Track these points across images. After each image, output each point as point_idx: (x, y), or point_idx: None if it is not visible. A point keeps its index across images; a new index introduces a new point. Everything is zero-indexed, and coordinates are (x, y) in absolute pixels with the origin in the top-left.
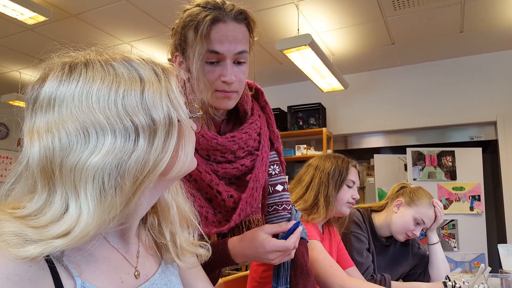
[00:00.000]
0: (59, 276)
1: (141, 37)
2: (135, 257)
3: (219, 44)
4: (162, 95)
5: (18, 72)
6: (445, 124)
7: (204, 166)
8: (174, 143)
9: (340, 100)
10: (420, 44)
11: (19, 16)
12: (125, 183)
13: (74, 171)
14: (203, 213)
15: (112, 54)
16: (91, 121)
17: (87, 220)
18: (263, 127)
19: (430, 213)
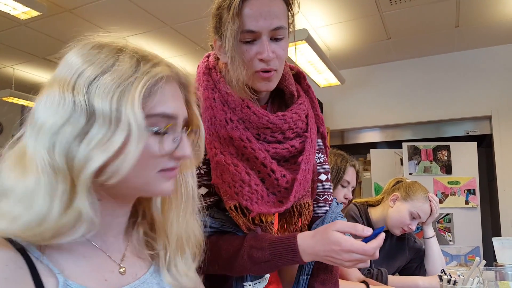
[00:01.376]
0: (39, 275)
1: (136, 32)
2: (121, 256)
3: (254, 21)
4: (117, 89)
5: (12, 68)
6: (441, 118)
7: (257, 144)
8: (118, 142)
9: (336, 95)
10: (416, 39)
11: (11, 11)
12: (56, 158)
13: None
14: (259, 191)
15: (132, 46)
16: (61, 80)
17: None
18: (309, 110)
19: (425, 207)
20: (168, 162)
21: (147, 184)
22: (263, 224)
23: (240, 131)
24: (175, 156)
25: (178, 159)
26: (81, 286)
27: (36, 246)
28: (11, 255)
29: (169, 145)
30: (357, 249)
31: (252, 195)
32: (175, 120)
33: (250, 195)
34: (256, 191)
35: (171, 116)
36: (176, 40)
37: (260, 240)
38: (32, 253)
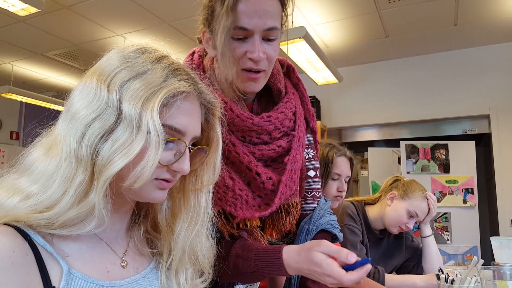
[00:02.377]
0: (44, 262)
1: (134, 29)
2: (124, 250)
3: (247, 18)
4: (143, 96)
5: (10, 65)
6: (439, 117)
7: (241, 148)
8: (137, 148)
9: (334, 93)
10: (414, 37)
11: (10, 7)
12: (82, 149)
13: None
14: (243, 196)
15: (171, 59)
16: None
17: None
18: (297, 106)
19: (423, 205)
20: (164, 173)
21: (141, 189)
22: (248, 229)
23: (223, 135)
24: (171, 169)
25: (174, 172)
26: (84, 275)
27: (41, 235)
28: (17, 242)
29: (168, 157)
30: (336, 277)
31: (236, 200)
32: (182, 135)
33: (234, 201)
34: (240, 196)
35: (179, 131)
36: (174, 37)
37: (246, 250)
38: (37, 241)
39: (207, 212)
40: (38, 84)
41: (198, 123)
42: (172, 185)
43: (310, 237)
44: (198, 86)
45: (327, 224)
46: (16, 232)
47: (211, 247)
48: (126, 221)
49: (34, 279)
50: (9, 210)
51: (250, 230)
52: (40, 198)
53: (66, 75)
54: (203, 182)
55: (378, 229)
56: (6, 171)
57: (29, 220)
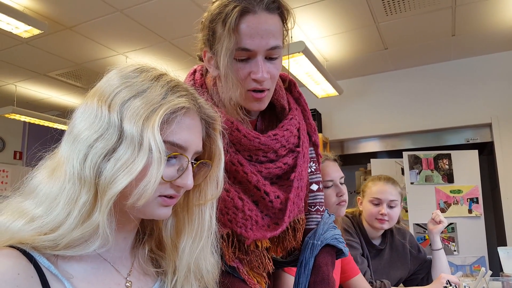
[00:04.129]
0: (48, 284)
1: (136, 48)
2: (128, 270)
3: (250, 39)
4: (144, 114)
5: (14, 85)
6: (441, 127)
7: (249, 167)
8: (140, 165)
9: (335, 105)
10: (413, 49)
11: (14, 29)
12: (85, 169)
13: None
14: (253, 217)
15: (170, 77)
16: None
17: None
18: (301, 121)
19: (375, 188)
20: (168, 189)
21: (145, 206)
22: (257, 251)
23: (231, 155)
24: (175, 185)
25: (178, 188)
26: None
27: (46, 256)
28: (22, 264)
29: (171, 173)
30: None
31: (246, 221)
32: (184, 151)
33: (244, 222)
34: (250, 217)
35: (181, 147)
36: (175, 54)
37: None
38: (42, 263)
39: (211, 227)
40: (41, 104)
41: (199, 138)
42: (176, 201)
43: (315, 252)
44: (197, 102)
45: (332, 239)
46: (21, 255)
47: (216, 263)
48: (130, 240)
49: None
50: (14, 233)
51: (259, 251)
52: (44, 220)
53: (69, 95)
54: (206, 196)
55: (377, 237)
56: (11, 194)
57: (34, 242)
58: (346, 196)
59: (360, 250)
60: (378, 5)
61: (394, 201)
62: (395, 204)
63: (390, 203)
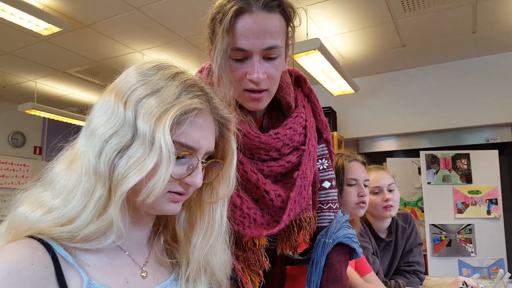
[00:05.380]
0: (63, 274)
1: (152, 46)
2: (145, 260)
3: (245, 39)
4: (156, 113)
5: (34, 82)
6: (460, 126)
7: (249, 166)
8: (150, 164)
9: (350, 103)
10: (432, 46)
11: (34, 27)
12: (100, 164)
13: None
14: (251, 215)
15: (186, 76)
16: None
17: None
18: (308, 119)
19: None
20: (177, 187)
21: (154, 202)
22: (255, 248)
23: (238, 149)
24: (184, 182)
25: (187, 185)
26: (104, 285)
27: (64, 247)
28: (38, 254)
29: (181, 171)
30: None
31: (244, 219)
32: (194, 151)
33: (242, 219)
34: (248, 215)
35: (190, 147)
36: (192, 52)
37: None
38: (59, 252)
39: (222, 225)
40: (60, 100)
41: (210, 138)
42: (186, 198)
43: (327, 250)
44: (211, 102)
45: (345, 237)
46: (38, 244)
47: (227, 260)
48: (147, 232)
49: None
50: (33, 223)
51: (257, 249)
52: (61, 211)
53: (87, 91)
54: (218, 195)
55: (383, 229)
56: (32, 184)
57: (51, 233)
58: (367, 198)
59: (371, 250)
60: (396, 1)
61: (392, 184)
62: (393, 187)
63: (389, 187)
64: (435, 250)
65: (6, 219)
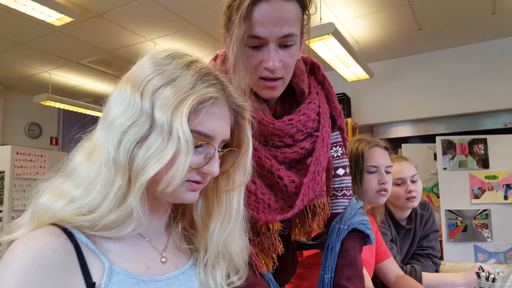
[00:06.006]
0: (85, 260)
1: (164, 34)
2: (164, 246)
3: (261, 27)
4: (173, 103)
5: (48, 73)
6: (477, 111)
7: (263, 152)
8: (169, 154)
9: (365, 89)
10: (449, 28)
11: (47, 18)
12: (119, 155)
13: None
14: (265, 200)
15: (200, 64)
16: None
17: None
18: (322, 105)
19: (393, 168)
20: (195, 175)
21: (173, 191)
22: (269, 233)
23: (254, 136)
24: (201, 171)
25: (204, 174)
26: (125, 270)
27: (85, 234)
28: (60, 241)
29: (198, 160)
30: None
31: (259, 204)
32: (211, 140)
33: (256, 205)
34: (263, 200)
35: (207, 136)
36: (203, 39)
37: None
38: (81, 239)
39: (239, 212)
40: (74, 91)
41: (226, 126)
42: (203, 186)
43: (342, 236)
44: (227, 90)
45: (359, 224)
46: (60, 232)
47: (245, 246)
48: (164, 220)
49: (74, 277)
50: (55, 213)
51: (271, 234)
52: (83, 202)
53: (100, 81)
54: (234, 183)
55: (404, 218)
56: (53, 174)
57: (73, 222)
58: (389, 186)
59: (389, 236)
60: None
61: (415, 175)
62: (416, 178)
63: (412, 178)
64: (450, 235)
65: (29, 209)
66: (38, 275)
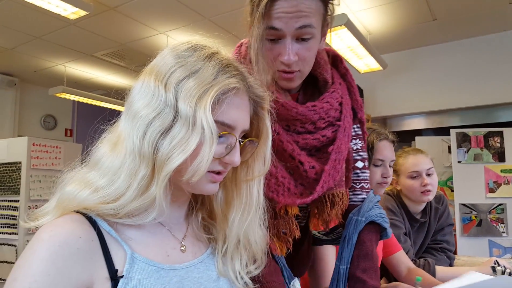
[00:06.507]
0: (108, 248)
1: (176, 27)
2: (183, 235)
3: (278, 19)
4: (196, 94)
5: (63, 66)
6: (493, 103)
7: (285, 136)
8: (193, 144)
9: (378, 81)
10: (464, 19)
11: (62, 12)
12: (144, 146)
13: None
14: (285, 183)
15: (221, 55)
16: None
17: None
18: (344, 96)
19: (408, 163)
20: (217, 166)
21: (196, 182)
22: (286, 217)
23: (272, 127)
24: (223, 161)
25: (226, 164)
26: (146, 258)
27: (108, 222)
28: (84, 228)
29: (220, 150)
30: None
31: (279, 187)
32: (232, 130)
33: (276, 187)
34: (283, 184)
35: (229, 126)
36: (214, 32)
37: None
38: (104, 227)
39: (259, 202)
40: (88, 83)
41: (247, 116)
42: (223, 177)
43: (359, 228)
44: (247, 81)
45: (377, 216)
46: (84, 219)
47: (264, 235)
48: (184, 209)
49: (98, 263)
50: (81, 202)
51: (289, 218)
52: (107, 191)
53: (114, 74)
54: (254, 173)
55: (419, 211)
56: (78, 164)
57: (97, 210)
58: (390, 179)
59: (403, 229)
60: None
61: (431, 169)
62: (432, 171)
63: (427, 171)
64: (464, 230)
65: (55, 197)
66: (64, 261)
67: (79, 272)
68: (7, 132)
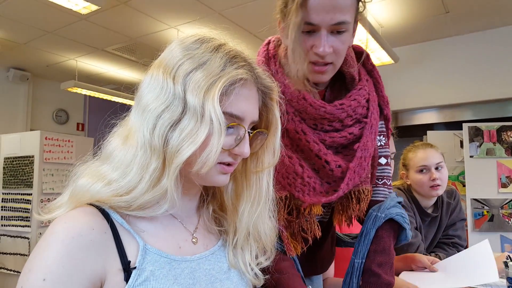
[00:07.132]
0: (121, 239)
1: (187, 21)
2: (194, 227)
3: (315, 13)
4: (204, 86)
5: (75, 61)
6: (505, 96)
7: (312, 136)
8: (202, 136)
9: (389, 74)
10: (477, 11)
11: (74, 6)
12: (154, 138)
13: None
14: (311, 183)
15: (229, 46)
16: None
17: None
18: (371, 93)
19: (418, 157)
20: (226, 157)
21: (206, 173)
22: (309, 216)
23: (296, 123)
24: (233, 153)
25: (235, 156)
26: (158, 250)
27: (120, 214)
28: (97, 220)
29: (230, 141)
30: None
31: (304, 187)
32: (241, 121)
33: (302, 187)
34: (309, 183)
35: (238, 117)
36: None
37: None
38: (116, 219)
39: (268, 194)
40: (99, 77)
41: (255, 108)
42: (233, 168)
43: (377, 224)
44: (255, 72)
45: (397, 215)
46: (97, 212)
47: (273, 227)
48: (195, 202)
49: (111, 255)
50: (94, 194)
51: (310, 217)
52: (120, 184)
53: (125, 69)
54: (263, 164)
55: (430, 205)
56: (90, 158)
57: (110, 202)
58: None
59: (414, 224)
60: None
61: (440, 163)
62: (441, 166)
63: (436, 166)
64: (476, 225)
65: (68, 190)
66: (78, 252)
67: (92, 263)
68: (20, 126)
